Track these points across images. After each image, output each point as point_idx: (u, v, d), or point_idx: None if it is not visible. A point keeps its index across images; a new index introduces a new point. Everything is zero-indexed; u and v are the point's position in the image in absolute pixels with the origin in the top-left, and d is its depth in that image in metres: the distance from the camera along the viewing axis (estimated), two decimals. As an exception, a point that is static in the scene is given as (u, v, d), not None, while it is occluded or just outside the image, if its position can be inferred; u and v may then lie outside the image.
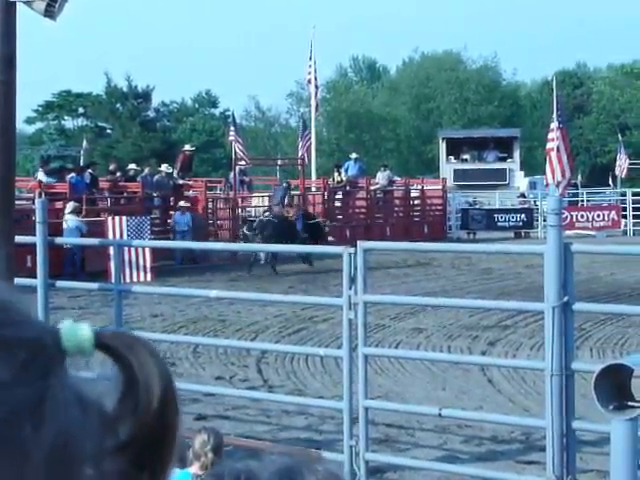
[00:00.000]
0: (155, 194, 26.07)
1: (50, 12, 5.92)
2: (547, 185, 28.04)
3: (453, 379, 11.36)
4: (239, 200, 28.68)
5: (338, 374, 10.58)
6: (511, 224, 34.56)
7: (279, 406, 9.65)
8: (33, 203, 14.22)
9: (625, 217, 36.36)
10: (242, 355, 12.61)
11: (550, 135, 27.32)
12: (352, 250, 6.16)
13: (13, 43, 6.54)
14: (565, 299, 5.49)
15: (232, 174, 29.23)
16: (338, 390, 9.48)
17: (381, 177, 32.27)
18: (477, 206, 36.46)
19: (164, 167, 26.90)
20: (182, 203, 25.14)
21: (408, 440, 8.82)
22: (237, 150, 30.37)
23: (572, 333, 5.75)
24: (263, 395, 9.75)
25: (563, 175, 26.29)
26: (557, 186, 26.24)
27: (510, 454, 8.36)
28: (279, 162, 38.74)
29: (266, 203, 30.23)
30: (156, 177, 26.32)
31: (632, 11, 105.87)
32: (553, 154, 26.36)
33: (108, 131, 63.32)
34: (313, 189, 32.02)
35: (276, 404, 9.60)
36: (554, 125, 27.08)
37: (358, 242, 6.27)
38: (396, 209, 33.09)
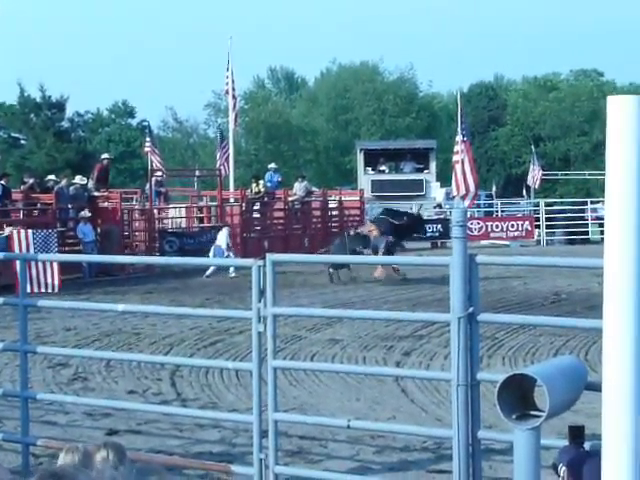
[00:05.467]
0: (70, 206, 25.72)
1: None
2: (453, 197, 28.40)
3: (367, 389, 11.40)
4: (155, 212, 28.45)
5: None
6: (428, 234, 34.88)
7: (192, 420, 9.57)
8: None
9: (538, 227, 37.01)
10: (156, 368, 12.48)
11: (455, 148, 27.73)
12: (261, 262, 6.14)
13: None
14: (470, 310, 5.55)
15: (148, 185, 29.01)
16: (252, 403, 9.44)
17: (298, 188, 32.33)
18: (394, 217, 36.68)
19: (78, 178, 26.54)
20: (83, 213, 24.82)
21: (321, 451, 8.81)
22: (153, 161, 30.17)
23: (477, 343, 5.81)
24: (174, 409, 9.64)
25: (467, 188, 26.63)
26: (462, 199, 26.59)
27: (421, 464, 8.41)
28: (197, 173, 38.52)
29: (183, 214, 30.07)
30: (71, 189, 25.95)
31: (546, 24, 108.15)
32: (458, 167, 26.74)
33: (22, 142, 62.26)
34: (231, 200, 31.94)
35: (189, 418, 9.52)
36: (459, 138, 27.48)
37: (267, 255, 6.26)
38: (314, 220, 33.16)
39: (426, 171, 40.67)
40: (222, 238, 25.31)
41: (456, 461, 5.59)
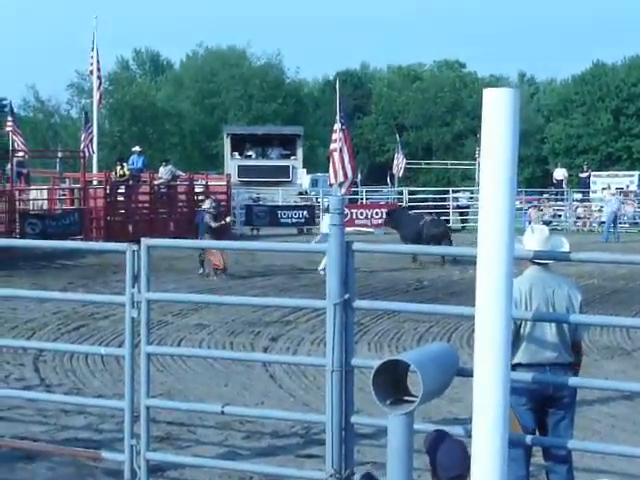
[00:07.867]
0: None
1: None
2: (331, 185, 28.47)
3: (235, 375, 11.41)
4: (16, 193, 27.68)
5: (119, 372, 10.41)
6: (294, 220, 35.03)
7: (57, 406, 9.39)
8: None
9: (402, 215, 37.54)
10: (18, 353, 12.19)
11: (333, 136, 27.73)
12: (135, 247, 6.07)
13: None
14: (346, 296, 5.62)
15: (9, 166, 28.20)
16: (118, 388, 9.32)
17: (164, 172, 31.97)
18: (261, 202, 36.76)
19: None
20: None
21: (189, 437, 8.78)
22: (15, 141, 29.35)
23: (352, 330, 5.89)
24: (39, 395, 9.43)
25: (345, 176, 26.75)
26: (340, 186, 26.69)
27: (290, 449, 8.47)
28: (59, 154, 37.69)
29: (45, 196, 29.33)
30: None
31: (412, 13, 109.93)
32: (336, 155, 26.77)
33: None
34: (95, 183, 31.34)
35: (54, 404, 9.33)
36: (337, 126, 27.48)
37: (142, 239, 6.18)
38: (180, 204, 32.86)
39: (292, 157, 40.76)
40: (324, 225, 23.01)
41: (329, 446, 5.67)
